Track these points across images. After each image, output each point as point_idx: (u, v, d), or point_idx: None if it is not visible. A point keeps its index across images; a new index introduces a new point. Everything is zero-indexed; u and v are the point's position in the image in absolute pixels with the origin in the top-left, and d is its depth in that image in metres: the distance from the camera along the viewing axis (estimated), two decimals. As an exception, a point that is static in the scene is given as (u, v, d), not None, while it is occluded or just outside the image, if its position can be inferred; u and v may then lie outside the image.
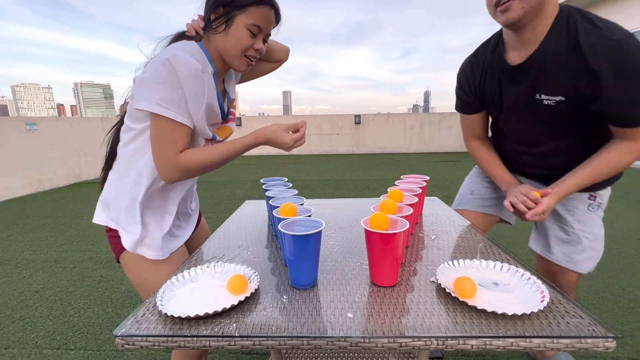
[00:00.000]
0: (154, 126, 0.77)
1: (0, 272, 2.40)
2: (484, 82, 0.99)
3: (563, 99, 0.83)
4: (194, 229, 1.06)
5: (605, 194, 1.02)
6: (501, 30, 0.93)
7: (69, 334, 1.67)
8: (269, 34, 0.88)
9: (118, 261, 0.90)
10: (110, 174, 0.90)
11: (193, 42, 0.83)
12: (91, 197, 4.62)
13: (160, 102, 0.74)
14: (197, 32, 0.89)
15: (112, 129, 0.94)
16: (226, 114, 0.96)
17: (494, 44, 0.95)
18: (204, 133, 0.84)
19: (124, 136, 0.86)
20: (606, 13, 6.72)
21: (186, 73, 0.74)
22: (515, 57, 0.88)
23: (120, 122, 0.91)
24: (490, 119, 1.13)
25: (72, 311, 1.87)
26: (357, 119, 9.39)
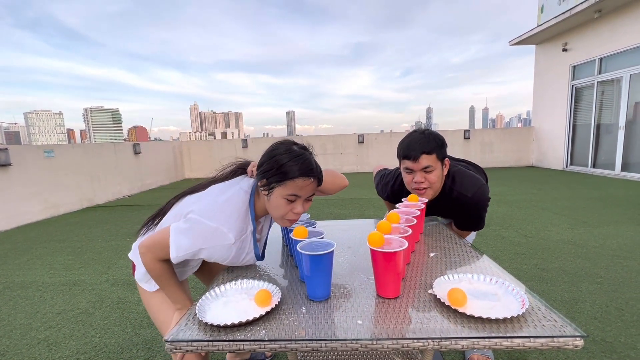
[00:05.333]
0: (164, 234, 0.90)
1: (22, 295, 2.51)
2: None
3: (448, 221, 1.54)
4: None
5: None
6: (400, 176, 1.44)
7: (92, 354, 1.76)
8: (311, 196, 0.95)
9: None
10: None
11: (246, 201, 0.96)
12: (104, 221, 4.77)
13: (182, 245, 0.88)
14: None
15: (178, 195, 1.11)
16: (261, 255, 1.06)
17: (400, 184, 1.46)
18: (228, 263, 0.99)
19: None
20: (598, 31, 6.95)
21: (217, 247, 0.89)
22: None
23: (183, 194, 1.08)
24: None
25: (93, 332, 1.97)
26: (361, 139, 9.61)
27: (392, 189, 1.54)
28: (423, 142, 1.24)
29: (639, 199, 4.61)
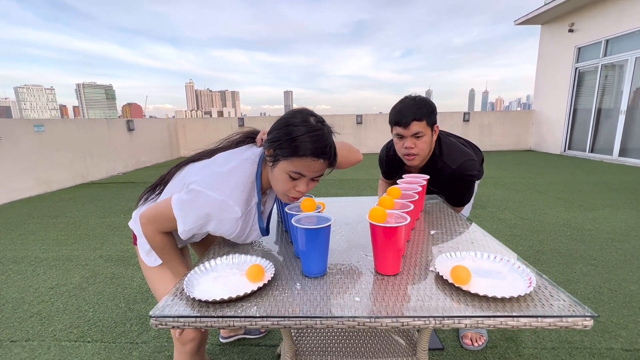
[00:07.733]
0: (167, 205, 0.85)
1: (15, 269, 2.48)
2: (395, 171, 1.59)
3: (436, 190, 1.49)
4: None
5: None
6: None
7: (85, 328, 1.75)
8: (318, 176, 0.87)
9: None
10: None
11: (253, 172, 0.90)
12: (98, 198, 4.71)
13: (188, 220, 0.83)
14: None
15: (180, 164, 1.03)
16: (265, 229, 0.98)
17: (394, 149, 1.46)
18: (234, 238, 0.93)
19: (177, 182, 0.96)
20: (606, 12, 6.74)
21: (224, 220, 0.84)
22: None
23: (186, 162, 1.01)
24: None
25: (86, 306, 1.95)
26: (359, 119, 9.45)
27: (387, 154, 1.60)
28: (414, 109, 1.26)
29: (635, 184, 4.61)
